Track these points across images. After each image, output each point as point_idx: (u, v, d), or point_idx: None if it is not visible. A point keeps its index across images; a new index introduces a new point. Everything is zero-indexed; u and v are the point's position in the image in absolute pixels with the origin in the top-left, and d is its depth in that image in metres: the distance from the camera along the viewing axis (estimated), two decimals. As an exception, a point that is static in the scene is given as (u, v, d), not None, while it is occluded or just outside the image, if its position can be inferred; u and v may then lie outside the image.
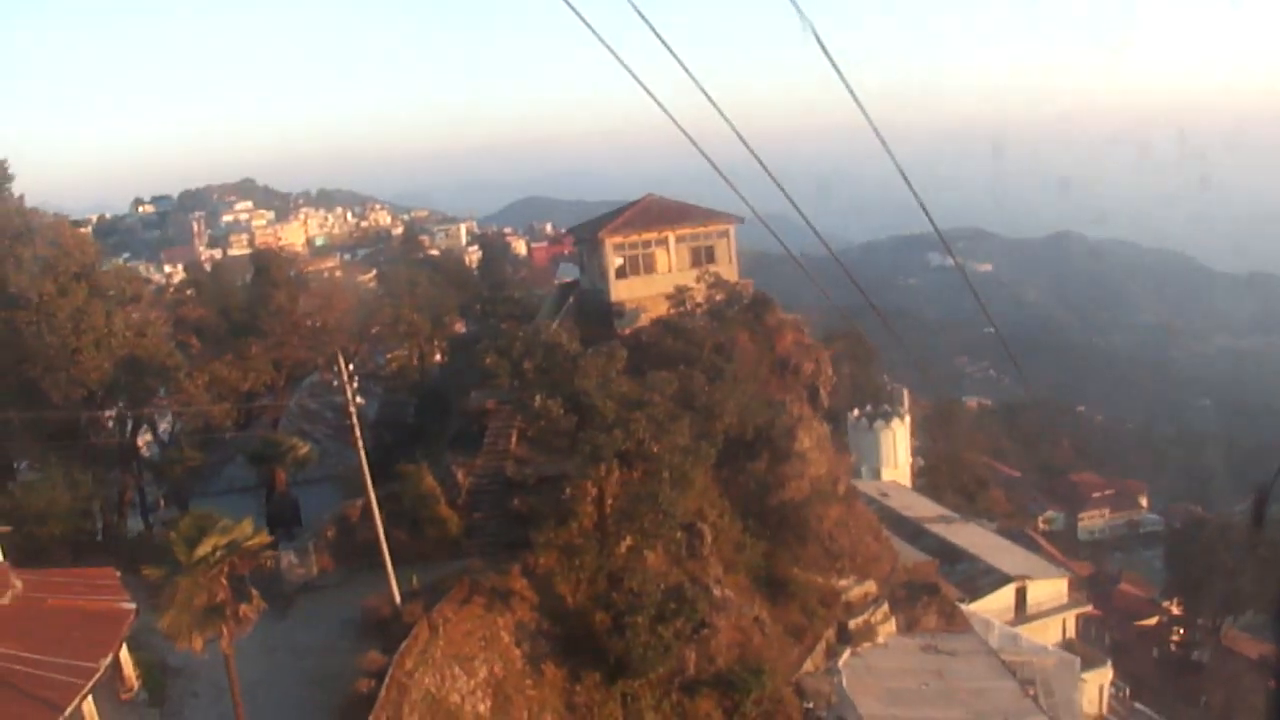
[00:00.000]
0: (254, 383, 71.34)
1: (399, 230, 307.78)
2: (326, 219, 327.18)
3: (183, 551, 29.50)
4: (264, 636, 38.83)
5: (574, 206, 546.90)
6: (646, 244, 74.06)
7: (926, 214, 19.86)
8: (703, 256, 75.62)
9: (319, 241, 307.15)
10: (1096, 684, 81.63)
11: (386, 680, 37.61)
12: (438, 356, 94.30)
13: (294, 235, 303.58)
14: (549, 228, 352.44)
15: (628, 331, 71.11)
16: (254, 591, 30.69)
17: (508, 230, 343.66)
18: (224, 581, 29.88)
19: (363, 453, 44.03)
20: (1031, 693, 65.13)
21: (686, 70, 17.13)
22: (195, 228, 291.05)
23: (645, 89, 17.13)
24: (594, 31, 15.85)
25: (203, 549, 29.54)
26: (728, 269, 75.38)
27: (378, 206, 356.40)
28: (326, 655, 41.35)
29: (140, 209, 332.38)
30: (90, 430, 61.26)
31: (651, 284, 73.44)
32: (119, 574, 41.45)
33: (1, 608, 35.89)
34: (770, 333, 73.00)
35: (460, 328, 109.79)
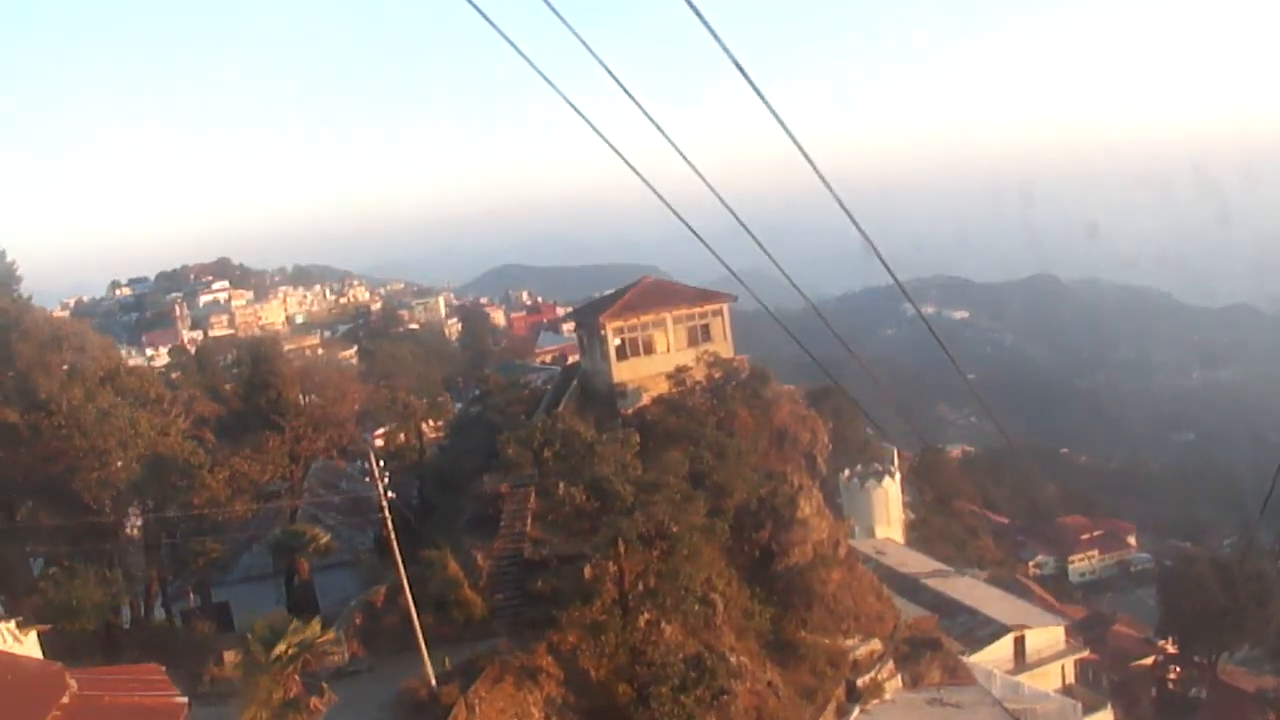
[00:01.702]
0: (272, 475, 73.58)
1: (377, 305, 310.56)
2: (305, 297, 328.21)
3: (260, 652, 31.58)
4: (308, 725, 40.52)
5: (550, 273, 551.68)
6: (645, 326, 76.32)
7: (884, 264, 20.82)
8: (699, 335, 77.99)
9: (298, 319, 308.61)
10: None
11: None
12: (430, 435, 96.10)
13: (273, 314, 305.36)
14: (525, 296, 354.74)
15: (630, 411, 73.45)
16: (325, 685, 32.75)
17: (485, 300, 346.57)
18: (297, 677, 31.98)
19: (395, 543, 45.99)
20: (1037, 740, 67.24)
21: (667, 137, 18.53)
22: (177, 310, 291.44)
23: (622, 158, 18.64)
24: (569, 102, 17.48)
25: (279, 649, 31.64)
26: (724, 346, 77.80)
27: (355, 281, 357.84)
28: None
29: (118, 291, 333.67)
30: (117, 528, 63.53)
31: (651, 364, 75.74)
32: (164, 669, 43.27)
33: (62, 706, 37.50)
34: (768, 405, 75.47)
35: (447, 402, 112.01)
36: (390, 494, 45.49)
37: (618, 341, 75.70)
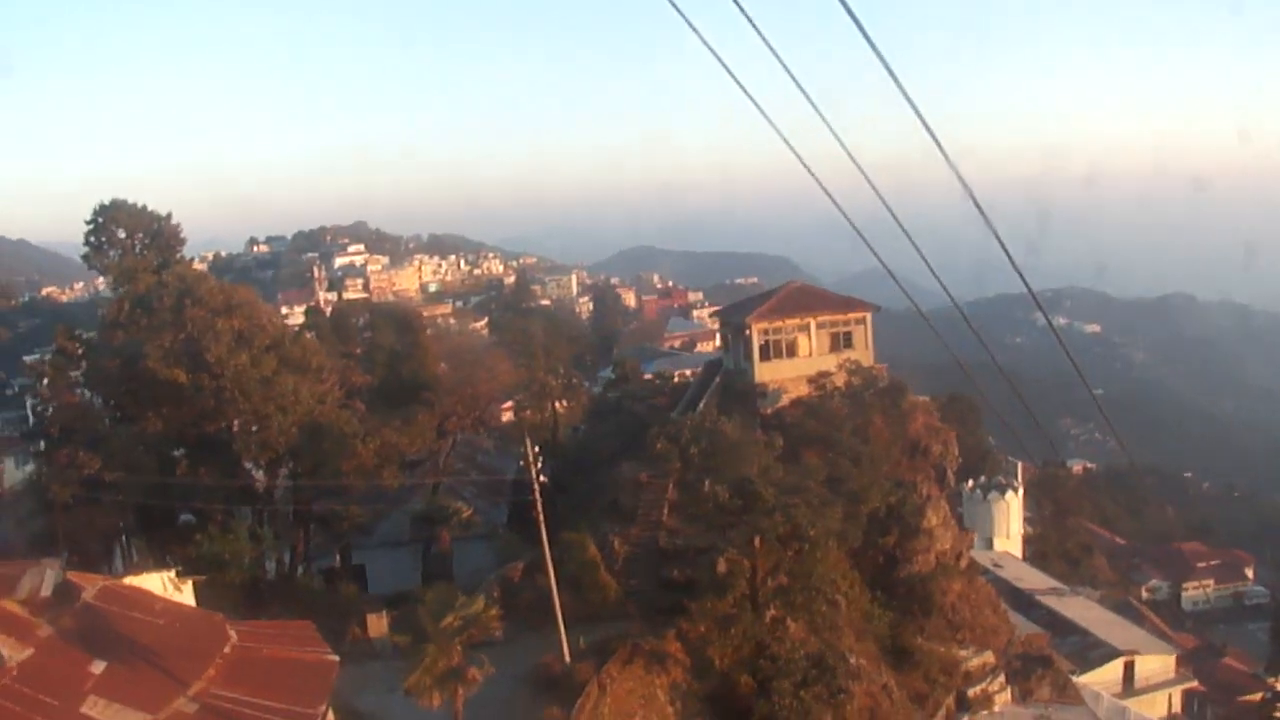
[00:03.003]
0: (419, 447, 76.12)
1: (510, 278, 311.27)
2: (440, 265, 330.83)
3: (430, 622, 33.85)
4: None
5: (682, 257, 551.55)
6: (790, 329, 78.07)
7: (1018, 271, 20.80)
8: (841, 342, 79.58)
9: (432, 288, 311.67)
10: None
11: (567, 734, 41.69)
12: (561, 410, 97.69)
13: (408, 281, 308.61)
14: (657, 279, 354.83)
15: (770, 411, 75.28)
16: (484, 658, 34.91)
17: (616, 280, 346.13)
18: (459, 648, 34.22)
19: (542, 524, 48.04)
20: (1139, 764, 67.99)
21: (832, 131, 18.94)
22: (314, 271, 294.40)
23: (794, 151, 19.42)
24: (737, 81, 17.71)
25: (447, 620, 33.93)
26: (865, 354, 79.31)
27: (488, 254, 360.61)
28: (506, 708, 45.00)
29: (255, 248, 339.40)
30: (270, 489, 66.71)
31: (793, 367, 77.52)
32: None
33: (225, 656, 39.89)
34: (903, 416, 76.86)
35: (580, 385, 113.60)
36: (543, 478, 47.44)
37: (762, 342, 77.44)
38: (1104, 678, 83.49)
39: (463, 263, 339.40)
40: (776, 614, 52.96)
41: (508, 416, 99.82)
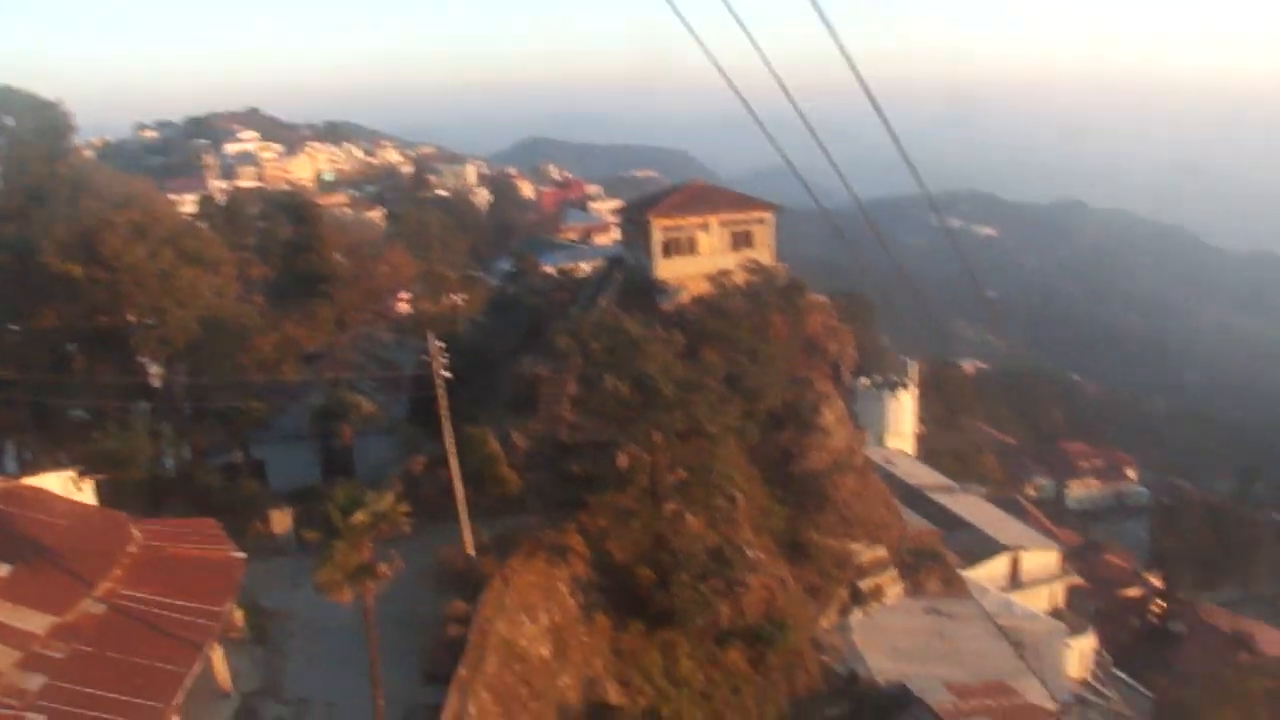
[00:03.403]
0: (318, 340, 75.51)
1: (408, 168, 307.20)
2: (335, 154, 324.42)
3: (339, 518, 33.98)
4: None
5: (580, 149, 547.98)
6: (691, 227, 78.34)
7: (912, 169, 21.53)
8: (741, 240, 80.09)
9: (327, 177, 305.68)
10: (1080, 650, 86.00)
11: (472, 627, 42.24)
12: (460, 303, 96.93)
13: (302, 169, 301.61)
14: (555, 171, 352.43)
15: (670, 308, 75.70)
16: (394, 553, 35.15)
17: (514, 171, 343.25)
18: (369, 544, 34.43)
19: (446, 419, 48.20)
20: (1022, 655, 70.10)
21: (740, 23, 19.31)
22: (207, 159, 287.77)
23: (697, 39, 19.69)
24: None
25: (358, 517, 34.09)
26: (765, 253, 79.96)
27: (385, 142, 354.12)
28: (409, 601, 45.28)
29: (142, 134, 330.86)
30: (170, 385, 65.92)
31: (694, 264, 77.88)
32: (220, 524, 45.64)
33: (131, 555, 39.84)
34: (801, 315, 77.83)
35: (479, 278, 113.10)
36: (447, 374, 47.51)
37: (663, 239, 77.66)
38: (991, 572, 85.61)
39: (359, 152, 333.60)
40: (676, 508, 53.73)
41: (404, 308, 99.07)
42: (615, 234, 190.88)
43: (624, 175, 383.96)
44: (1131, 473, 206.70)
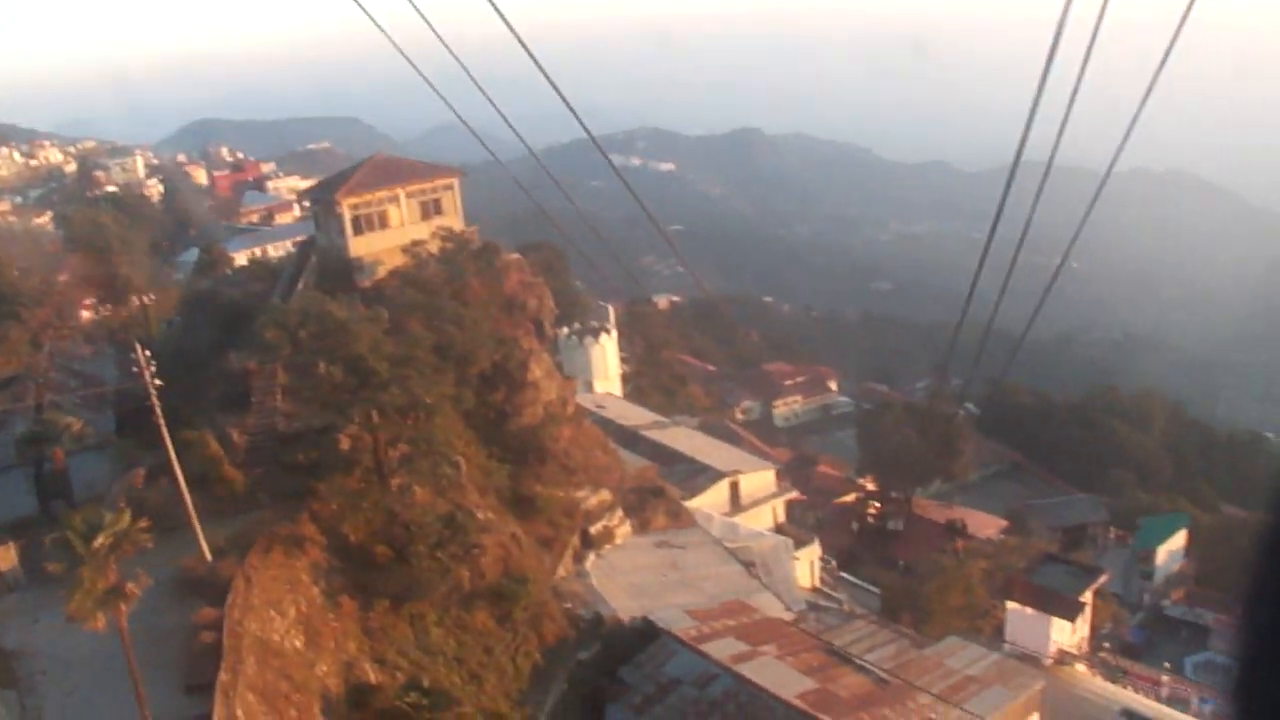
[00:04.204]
0: (15, 364, 73.14)
1: (71, 167, 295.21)
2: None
3: (81, 545, 33.86)
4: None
5: (251, 127, 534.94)
6: (380, 202, 78.32)
7: (577, 117, 21.41)
8: (431, 209, 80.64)
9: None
10: (808, 560, 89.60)
11: (225, 630, 42.45)
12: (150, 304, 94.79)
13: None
14: (226, 152, 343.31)
15: (368, 284, 76.05)
16: (139, 571, 35.20)
17: (183, 158, 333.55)
18: (114, 566, 34.44)
19: (162, 426, 47.82)
20: (754, 573, 73.42)
21: None
22: None
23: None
24: None
25: (99, 541, 34.03)
26: (455, 219, 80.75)
27: (44, 142, 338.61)
28: (156, 615, 44.94)
29: None
30: None
31: (386, 238, 78.10)
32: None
33: None
34: (498, 275, 79.08)
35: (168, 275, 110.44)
36: (159, 381, 47.12)
37: (353, 217, 77.52)
38: (713, 499, 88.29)
39: (16, 154, 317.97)
40: (403, 482, 54.64)
41: (89, 316, 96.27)
42: (298, 212, 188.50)
43: (298, 150, 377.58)
44: (833, 385, 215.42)
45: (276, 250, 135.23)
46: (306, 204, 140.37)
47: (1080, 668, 74.48)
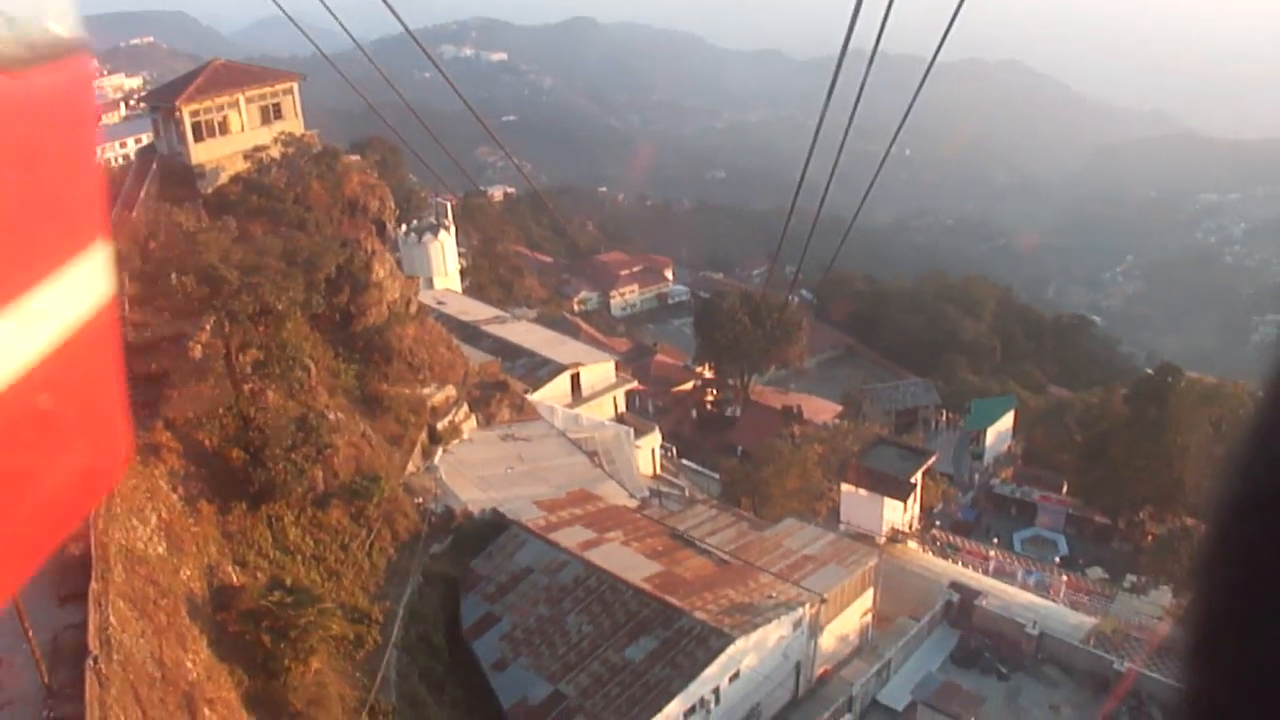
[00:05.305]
0: None
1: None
2: None
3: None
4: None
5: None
6: (220, 108, 77.63)
7: (393, 11, 20.92)
8: (271, 114, 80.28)
9: None
10: (649, 448, 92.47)
11: (91, 541, 43.35)
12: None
13: None
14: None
15: (211, 191, 75.90)
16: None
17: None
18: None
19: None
20: (598, 463, 75.92)
21: None
22: None
23: None
24: None
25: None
26: (295, 124, 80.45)
27: None
28: None
29: None
30: None
31: (228, 144, 77.51)
32: None
33: None
34: (339, 178, 79.37)
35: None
36: None
37: (194, 123, 76.93)
38: (555, 392, 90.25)
39: None
40: (255, 387, 55.52)
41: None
42: (124, 111, 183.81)
43: (123, 46, 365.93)
44: (670, 274, 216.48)
45: (105, 150, 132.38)
46: (133, 103, 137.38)
47: (912, 545, 78.49)
